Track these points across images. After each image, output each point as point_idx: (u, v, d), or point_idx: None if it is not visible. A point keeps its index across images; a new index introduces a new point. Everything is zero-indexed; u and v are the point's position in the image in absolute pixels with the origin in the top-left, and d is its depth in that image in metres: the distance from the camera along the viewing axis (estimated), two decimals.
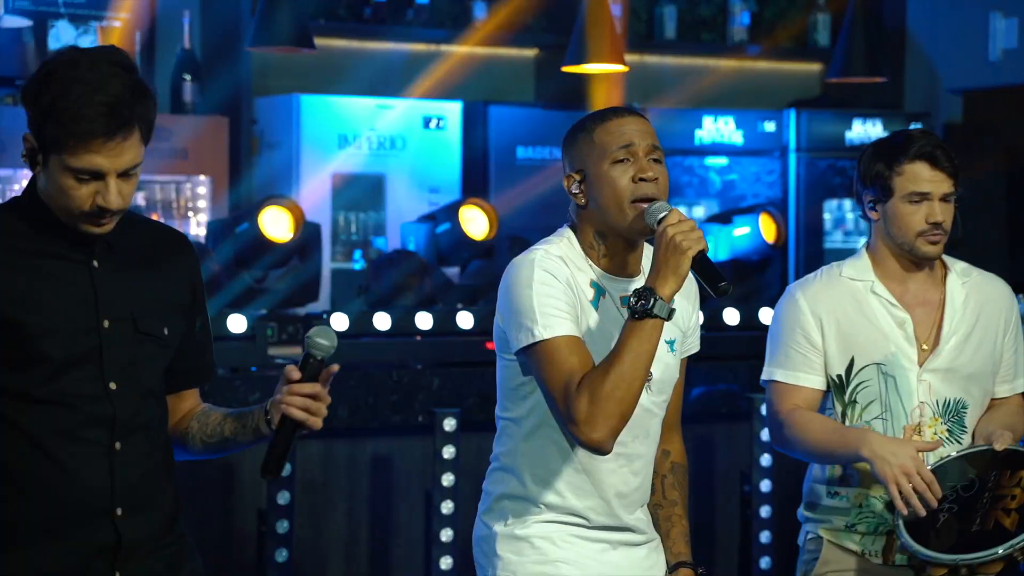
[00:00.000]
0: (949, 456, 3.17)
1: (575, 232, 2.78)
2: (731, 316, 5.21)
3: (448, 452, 4.63)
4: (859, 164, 3.32)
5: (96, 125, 2.32)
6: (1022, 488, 3.06)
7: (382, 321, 4.83)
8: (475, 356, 4.90)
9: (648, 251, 2.78)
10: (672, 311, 2.59)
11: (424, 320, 4.89)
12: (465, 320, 4.94)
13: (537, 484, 2.74)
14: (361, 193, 6.82)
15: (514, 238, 6.22)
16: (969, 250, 3.34)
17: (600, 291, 2.74)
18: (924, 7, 8.00)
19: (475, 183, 7.04)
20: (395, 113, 6.84)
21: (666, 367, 2.78)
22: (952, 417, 3.26)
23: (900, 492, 3.04)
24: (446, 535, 4.64)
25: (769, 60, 7.97)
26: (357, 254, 6.78)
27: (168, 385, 2.60)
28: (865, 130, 7.65)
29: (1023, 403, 3.41)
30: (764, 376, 3.34)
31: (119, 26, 6.47)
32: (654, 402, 2.77)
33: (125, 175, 2.39)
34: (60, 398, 2.41)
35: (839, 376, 3.25)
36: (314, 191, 6.65)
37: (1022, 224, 7.76)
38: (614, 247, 2.75)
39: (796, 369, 3.26)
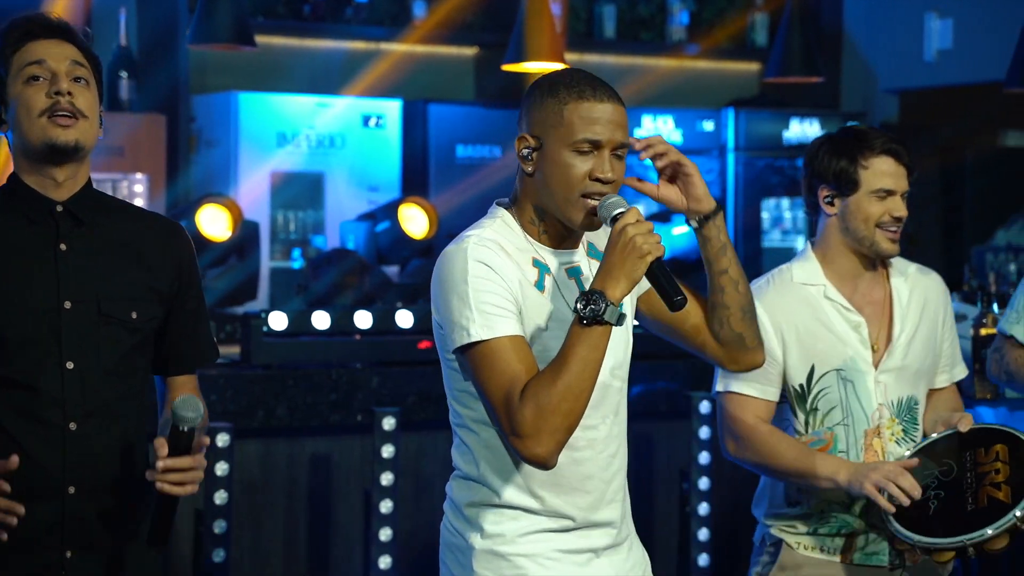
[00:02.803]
0: (919, 445, 3.18)
1: (514, 204, 2.60)
2: None
3: (387, 451, 4.61)
4: (812, 159, 3.28)
5: (39, 26, 2.59)
6: (1002, 461, 3.04)
7: (321, 320, 4.81)
8: (415, 355, 4.90)
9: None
10: (623, 316, 2.42)
11: (363, 319, 4.87)
12: (405, 319, 4.93)
13: (511, 490, 2.54)
14: (300, 191, 6.80)
15: (454, 237, 6.21)
16: (903, 248, 3.36)
17: (544, 268, 2.55)
18: (860, 8, 8.07)
19: (415, 181, 7.03)
20: (334, 111, 6.82)
21: (619, 338, 2.59)
22: (906, 416, 3.26)
23: (883, 493, 3.03)
24: (385, 534, 4.63)
25: (708, 60, 8.01)
26: (296, 253, 6.75)
27: (162, 370, 2.70)
28: (803, 129, 7.71)
29: (958, 391, 3.44)
30: (719, 387, 3.27)
31: None
32: (616, 376, 2.61)
33: (76, 80, 2.57)
34: (18, 377, 2.52)
35: (800, 386, 3.23)
36: (252, 189, 6.62)
37: (956, 222, 7.85)
38: (553, 226, 2.57)
39: (753, 380, 3.21)
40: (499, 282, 2.48)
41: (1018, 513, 2.94)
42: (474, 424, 2.56)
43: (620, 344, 2.62)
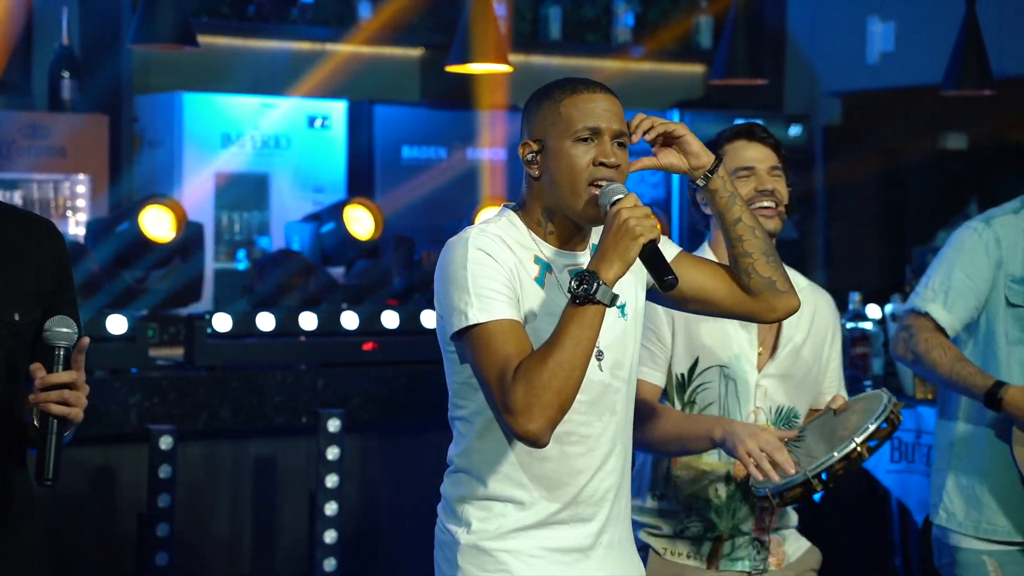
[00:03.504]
0: (799, 428, 3.18)
1: (521, 207, 2.63)
2: None
3: (332, 453, 4.60)
4: None
5: None
6: (856, 412, 3.08)
7: (266, 321, 4.79)
8: (360, 357, 4.89)
9: (597, 231, 2.63)
10: (615, 297, 2.44)
11: (308, 320, 4.86)
12: (350, 320, 4.92)
13: (498, 481, 2.56)
14: (245, 192, 6.77)
15: (399, 238, 6.21)
16: (847, 248, 3.38)
17: (546, 267, 2.58)
18: (804, 11, 8.13)
19: (360, 182, 7.02)
20: (279, 112, 6.79)
21: (620, 336, 2.63)
22: (784, 425, 3.26)
23: (755, 462, 2.97)
24: (330, 536, 4.62)
25: (653, 61, 8.04)
26: (241, 254, 6.72)
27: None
28: None
29: None
30: None
31: None
32: (616, 376, 2.62)
33: None
34: None
35: (682, 375, 3.23)
36: (196, 190, 6.58)
37: (897, 223, 7.92)
38: (562, 226, 2.60)
39: (642, 364, 3.18)
40: (498, 269, 2.51)
41: (857, 439, 2.95)
42: (471, 416, 2.59)
43: (622, 344, 2.64)
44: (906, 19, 7.69)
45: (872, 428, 2.97)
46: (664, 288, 2.49)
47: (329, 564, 4.62)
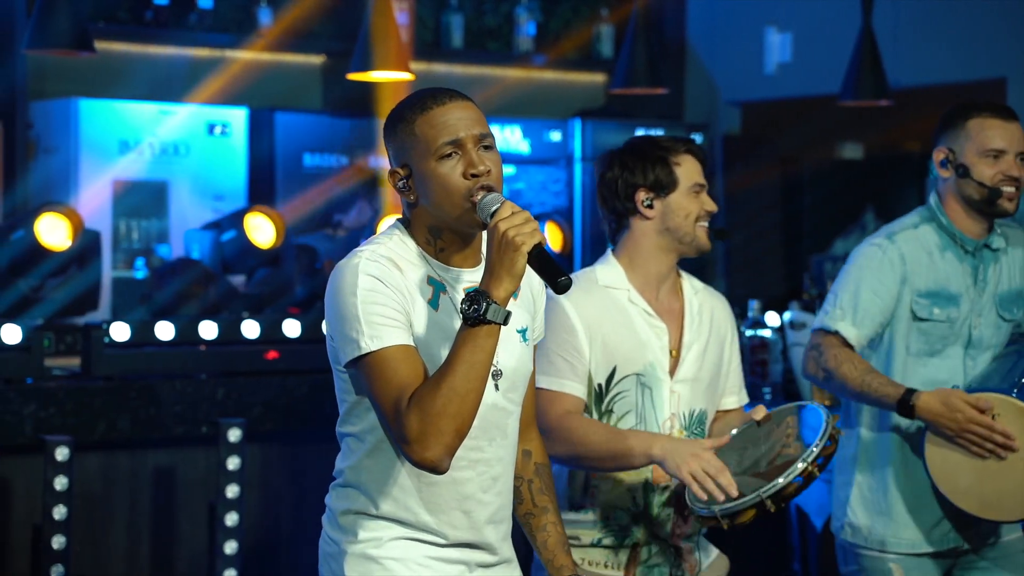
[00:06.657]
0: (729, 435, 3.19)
1: (407, 227, 2.57)
2: None
3: (233, 463, 4.56)
4: (622, 169, 3.30)
5: None
6: (793, 428, 3.08)
7: (165, 330, 4.74)
8: (261, 366, 4.85)
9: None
10: (508, 315, 2.39)
11: (208, 329, 4.81)
12: (251, 329, 4.88)
13: (386, 501, 2.54)
14: (143, 200, 6.69)
15: (301, 246, 6.18)
16: (746, 256, 3.42)
17: (440, 287, 2.53)
18: (703, 21, 8.21)
19: (261, 190, 6.97)
20: (177, 119, 6.73)
21: (519, 359, 2.61)
22: (696, 429, 3.29)
23: (697, 481, 2.97)
24: (230, 547, 4.57)
25: (554, 70, 8.07)
26: (139, 262, 6.64)
27: None
28: None
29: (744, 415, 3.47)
30: None
31: None
32: (509, 399, 2.59)
33: None
34: None
35: (600, 385, 3.23)
36: (94, 198, 6.50)
37: (796, 232, 8.03)
38: (451, 240, 2.54)
39: (562, 377, 3.20)
40: (389, 294, 2.46)
41: (808, 460, 2.97)
42: (362, 433, 2.55)
43: (521, 368, 2.62)
44: (803, 30, 7.80)
45: (819, 449, 2.98)
46: (559, 290, 2.42)
47: (229, 575, 4.57)
